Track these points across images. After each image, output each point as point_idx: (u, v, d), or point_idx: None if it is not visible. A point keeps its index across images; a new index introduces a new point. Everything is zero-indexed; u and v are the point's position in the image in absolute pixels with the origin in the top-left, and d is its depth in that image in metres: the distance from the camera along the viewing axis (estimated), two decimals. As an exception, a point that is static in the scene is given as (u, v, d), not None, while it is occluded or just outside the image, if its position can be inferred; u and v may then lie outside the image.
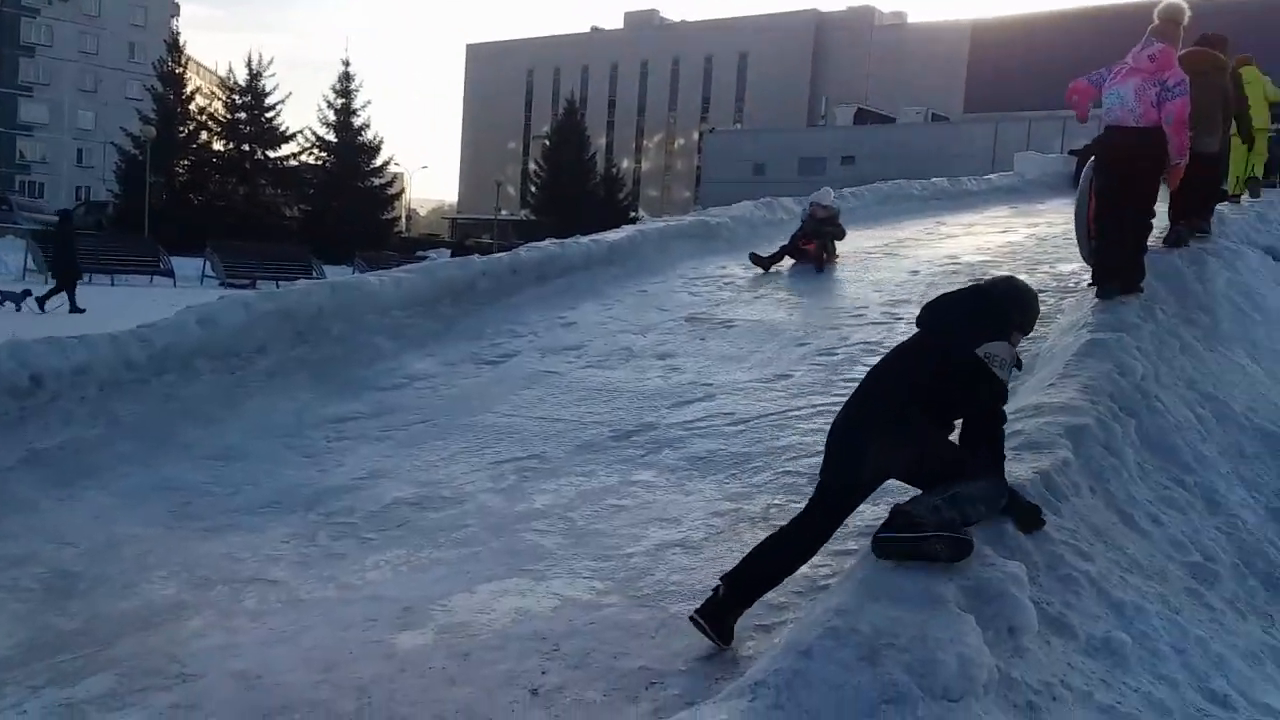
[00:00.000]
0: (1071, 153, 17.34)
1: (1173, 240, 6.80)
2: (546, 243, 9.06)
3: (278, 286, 22.91)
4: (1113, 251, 5.93)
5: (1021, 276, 8.15)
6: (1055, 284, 7.91)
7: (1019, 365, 3.23)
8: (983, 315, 3.16)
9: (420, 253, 28.85)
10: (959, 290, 3.53)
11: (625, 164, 67.42)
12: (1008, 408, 3.23)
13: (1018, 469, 3.45)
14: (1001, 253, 9.67)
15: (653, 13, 76.64)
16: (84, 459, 5.19)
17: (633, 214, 51.57)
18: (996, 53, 54.86)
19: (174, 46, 43.52)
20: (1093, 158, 6.29)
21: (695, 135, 68.68)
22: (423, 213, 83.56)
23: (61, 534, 4.36)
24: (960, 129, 50.70)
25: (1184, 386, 4.94)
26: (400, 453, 5.37)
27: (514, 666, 3.19)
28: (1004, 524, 2.96)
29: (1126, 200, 5.85)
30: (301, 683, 3.10)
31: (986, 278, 4.07)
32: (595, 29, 77.45)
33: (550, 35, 78.53)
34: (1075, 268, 8.42)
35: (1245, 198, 9.56)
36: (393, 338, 7.12)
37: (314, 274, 21.91)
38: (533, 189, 52.89)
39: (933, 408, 3.08)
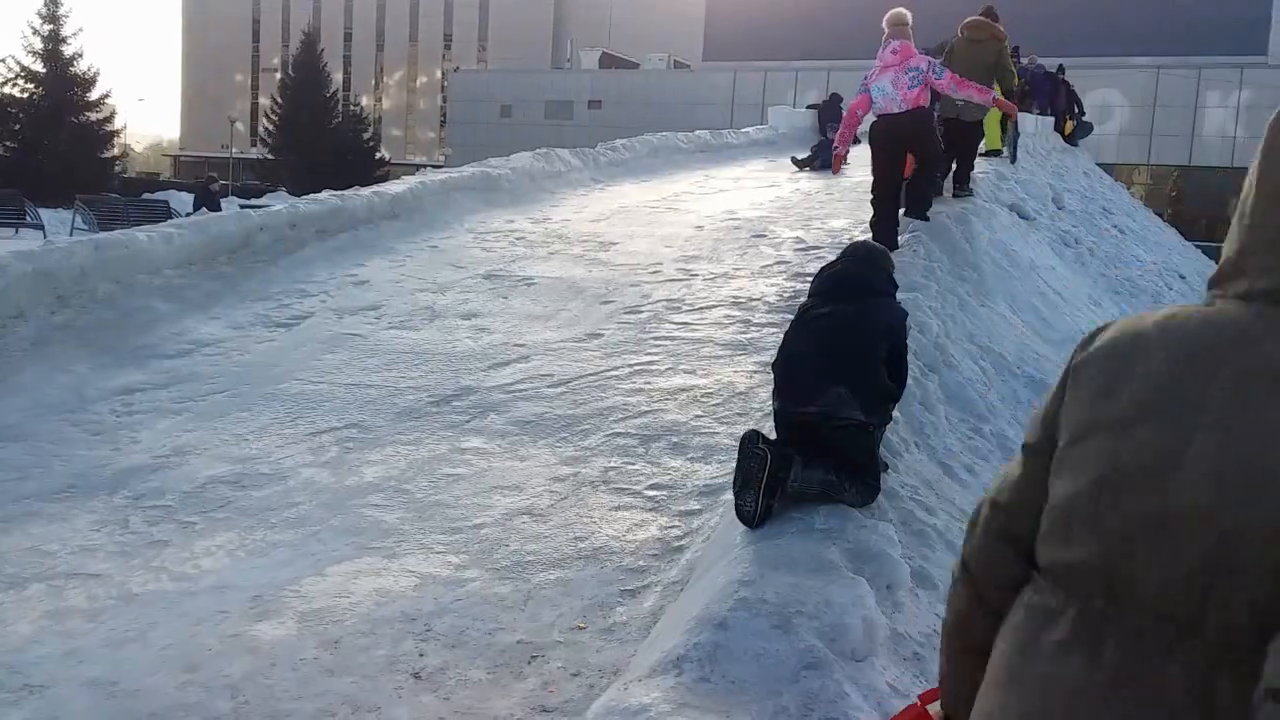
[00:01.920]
0: (809, 107, 18.27)
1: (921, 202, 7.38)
2: (325, 194, 8.66)
3: (-13, 234, 20.52)
4: (885, 226, 6.68)
5: (797, 233, 8.68)
6: (830, 240, 8.38)
7: None
8: (885, 283, 3.66)
9: (148, 196, 26.61)
10: (851, 263, 3.81)
11: (365, 102, 64.73)
12: None
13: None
14: (774, 208, 10.12)
15: (389, -57, 73.51)
16: None
17: (379, 154, 49.77)
18: (733, 2, 56.49)
19: None
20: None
21: (438, 74, 66.90)
22: (139, 149, 77.01)
23: None
24: (701, 77, 52.04)
25: (966, 340, 5.43)
26: (203, 426, 5.05)
27: (390, 651, 3.13)
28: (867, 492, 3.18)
29: (900, 167, 6.80)
30: (165, 686, 2.92)
31: (844, 245, 4.34)
32: (327, -43, 73.39)
33: (279, -40, 73.80)
34: (846, 223, 8.97)
35: (1005, 153, 10.48)
36: (169, 299, 6.64)
37: (28, 219, 19.79)
38: (267, 126, 49.83)
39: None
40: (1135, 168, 37.71)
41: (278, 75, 57.91)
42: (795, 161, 13.40)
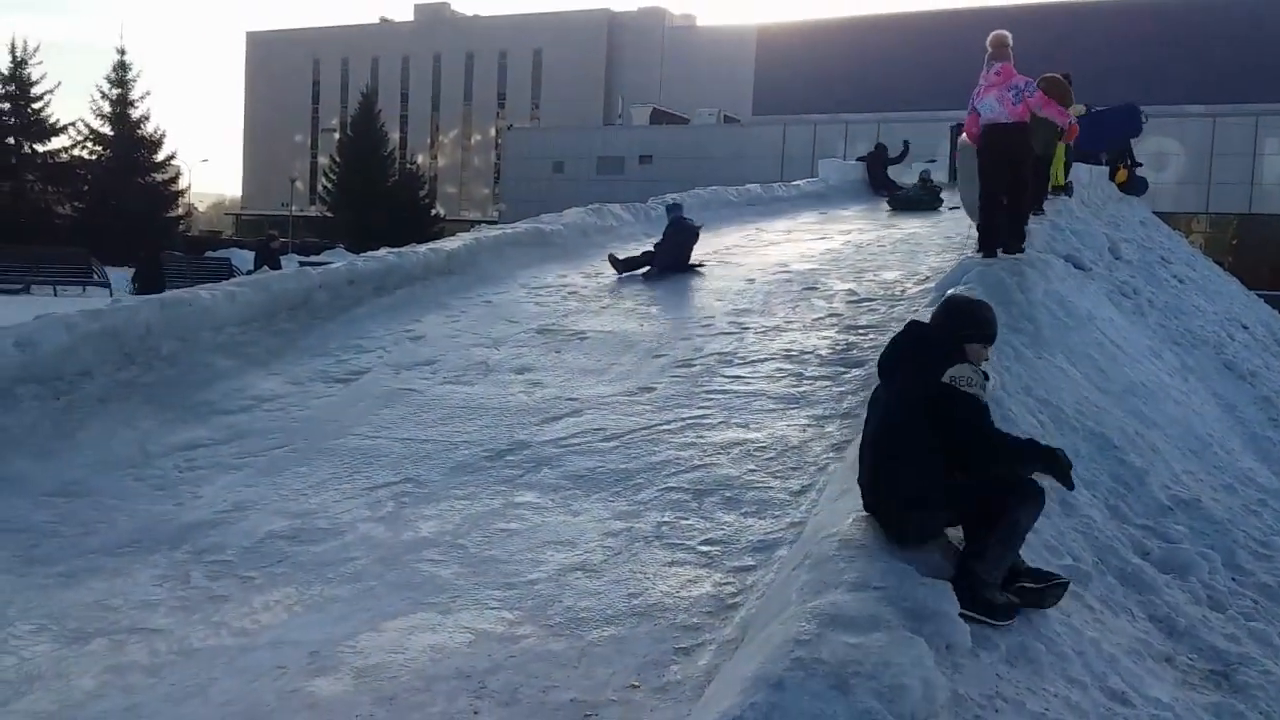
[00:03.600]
0: (859, 159, 18.30)
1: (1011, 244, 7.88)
2: (383, 252, 8.84)
3: (55, 292, 21.24)
4: (993, 221, 7.76)
5: (849, 285, 8.67)
6: (883, 292, 8.36)
7: (986, 377, 3.38)
8: (928, 347, 3.35)
9: (211, 254, 27.31)
10: (898, 334, 3.65)
11: (421, 160, 66.07)
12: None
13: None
14: (825, 260, 10.13)
15: (443, 5, 75.35)
16: (-100, 503, 4.71)
17: (434, 211, 50.65)
18: (782, 56, 56.94)
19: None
20: (975, 148, 8.04)
21: (492, 131, 68.08)
22: (202, 208, 79.16)
23: (-105, 591, 3.95)
24: (751, 130, 52.43)
25: (1023, 393, 5.35)
26: (262, 481, 5.13)
27: (445, 708, 3.14)
28: (927, 548, 3.15)
29: (1007, 174, 7.72)
30: (225, 743, 2.95)
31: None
32: (385, 20, 75.41)
33: (337, 25, 75.94)
34: (898, 275, 8.95)
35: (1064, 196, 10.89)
36: (231, 356, 6.78)
37: (95, 277, 20.40)
38: (325, 184, 51.01)
39: (938, 452, 3.21)
40: (1194, 216, 37.14)
41: (336, 135, 59.33)
42: (614, 262, 9.73)
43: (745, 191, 14.79)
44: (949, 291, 4.80)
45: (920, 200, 15.39)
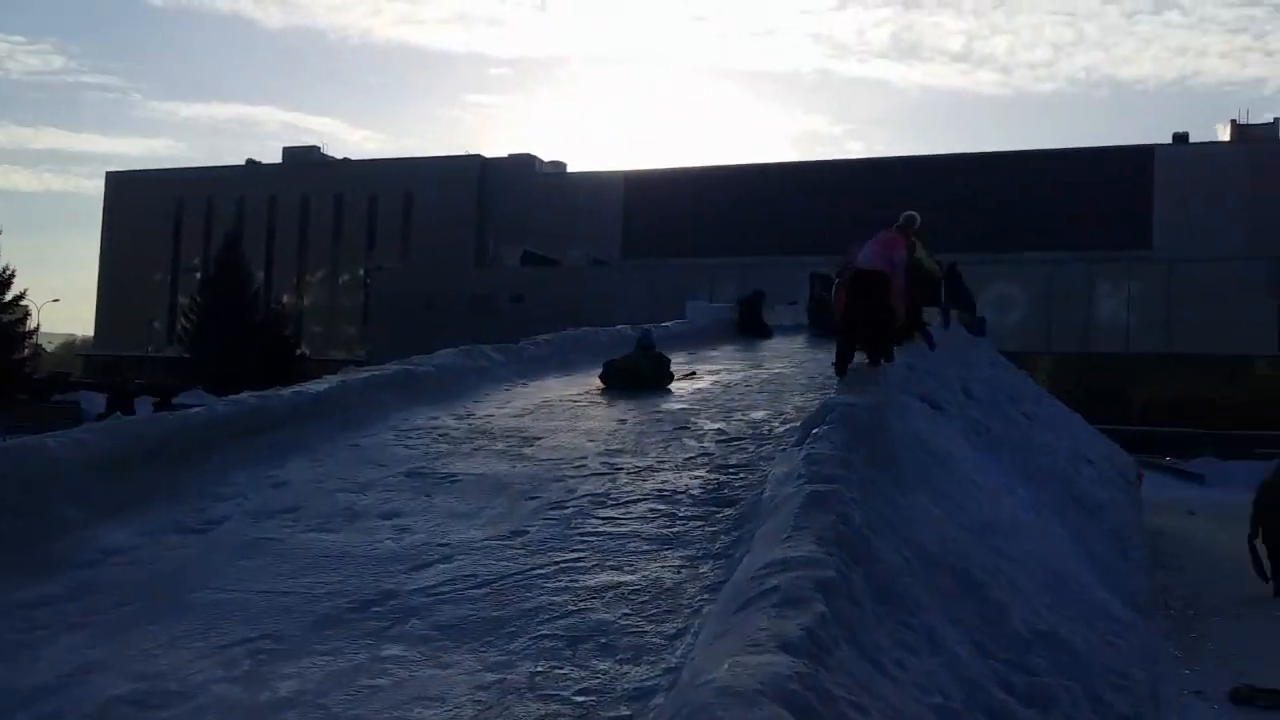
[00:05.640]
0: (739, 302, 19.05)
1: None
2: (245, 395, 8.60)
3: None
4: (847, 347, 9.62)
5: (718, 425, 8.82)
6: (751, 431, 8.54)
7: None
8: None
9: (59, 397, 26.06)
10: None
11: (286, 299, 65.07)
12: None
13: (784, 625, 3.69)
14: (695, 400, 10.32)
15: (313, 148, 75.69)
16: None
17: (300, 350, 49.68)
18: (648, 202, 59.05)
19: None
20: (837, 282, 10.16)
21: (361, 272, 67.77)
22: (50, 348, 75.74)
23: None
24: (619, 273, 53.72)
25: (889, 531, 5.49)
26: (109, 641, 4.80)
27: None
28: (798, 688, 3.15)
29: (863, 307, 9.45)
30: None
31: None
32: (252, 162, 75.18)
33: (202, 166, 75.37)
34: (765, 414, 9.16)
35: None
36: (81, 506, 6.41)
37: (-70, 422, 19.19)
38: (185, 324, 49.63)
39: None
40: (1038, 356, 39.36)
41: (198, 274, 58.11)
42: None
43: (616, 332, 15.03)
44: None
45: (637, 370, 11.42)
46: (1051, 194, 49.80)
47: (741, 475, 7.15)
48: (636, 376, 11.29)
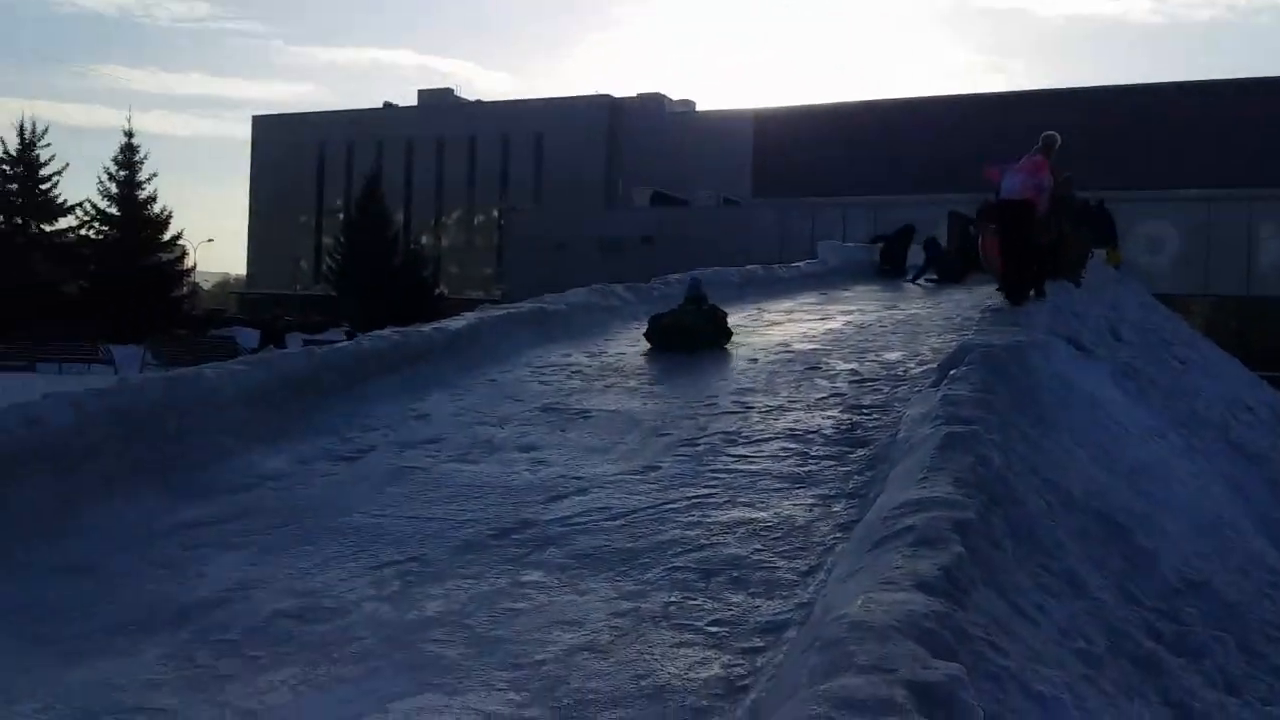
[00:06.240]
0: (874, 240, 18.56)
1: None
2: (388, 331, 8.90)
3: (60, 370, 21.29)
4: (1015, 274, 9.95)
5: (851, 365, 8.70)
6: (885, 373, 8.41)
7: None
8: None
9: (216, 332, 27.47)
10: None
11: (425, 240, 66.80)
12: None
13: (920, 565, 3.65)
14: (826, 340, 10.19)
15: (447, 91, 76.92)
16: (-97, 580, 4.68)
17: (438, 290, 51.02)
18: (779, 140, 57.96)
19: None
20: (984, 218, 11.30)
21: (495, 213, 68.97)
22: (207, 287, 79.75)
23: (-104, 670, 3.91)
24: (750, 212, 53.16)
25: (1029, 474, 5.35)
26: (267, 559, 5.10)
27: (453, 792, 3.09)
28: (934, 626, 3.13)
29: (1018, 240, 9.80)
30: (229, 828, 2.90)
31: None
32: (389, 105, 76.87)
33: (342, 110, 77.40)
34: (900, 356, 9.00)
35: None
36: (237, 435, 6.79)
37: (100, 356, 20.48)
38: (330, 264, 51.50)
39: None
40: (1192, 299, 37.41)
41: (341, 216, 60.02)
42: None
43: (746, 272, 14.94)
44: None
45: (685, 328, 9.75)
46: (1208, 128, 46.82)
47: (875, 416, 7.06)
48: (686, 335, 9.53)
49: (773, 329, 11.13)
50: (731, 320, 11.34)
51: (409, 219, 68.89)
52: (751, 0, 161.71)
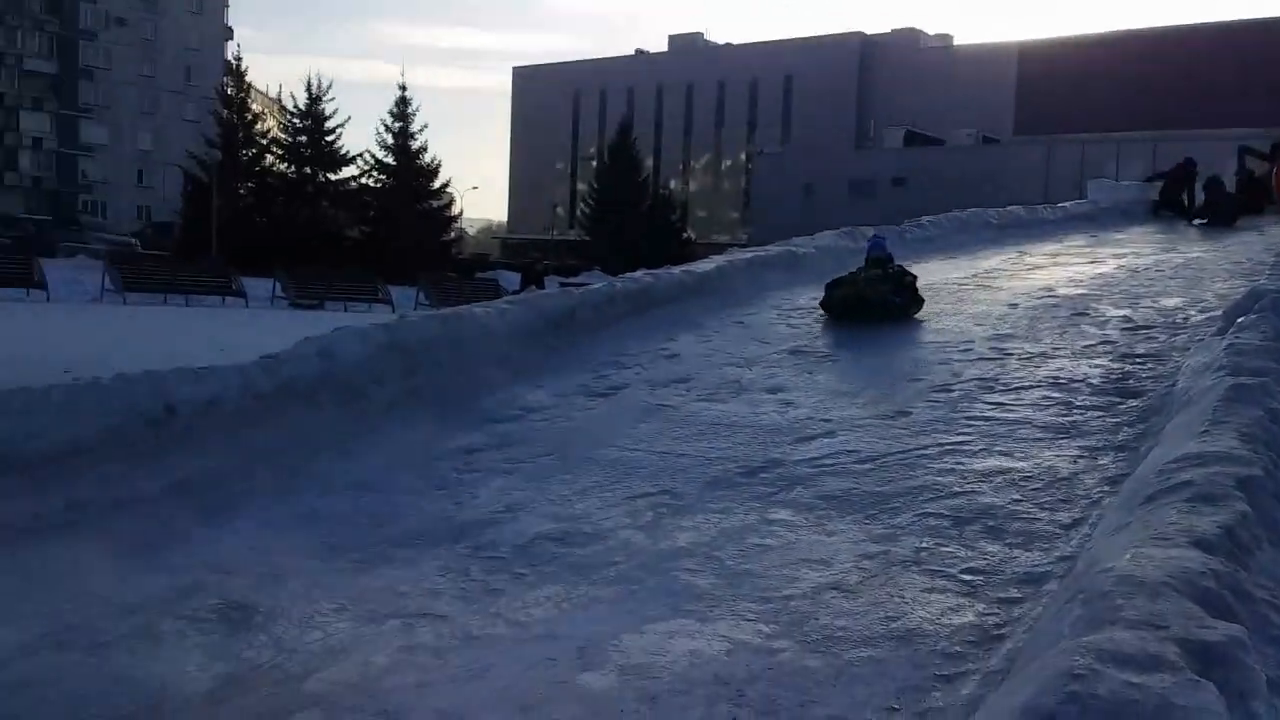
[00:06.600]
0: (1150, 179, 17.19)
1: None
2: (639, 273, 9.15)
3: (345, 308, 23.21)
4: None
5: (1123, 312, 8.18)
6: (1162, 320, 7.85)
7: None
8: None
9: (481, 275, 29.09)
10: None
11: (673, 185, 67.64)
12: None
13: (1198, 522, 3.44)
14: (1095, 285, 9.60)
15: (697, 35, 77.00)
16: (225, 488, 5.32)
17: (686, 234, 51.69)
18: (1045, 74, 54.37)
19: (235, 71, 44.35)
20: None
21: (742, 157, 68.84)
22: (472, 232, 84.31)
23: (223, 564, 4.46)
24: (1011, 151, 50.43)
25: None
26: (530, 486, 5.44)
27: (705, 712, 3.22)
28: (1212, 585, 2.95)
29: None
30: (503, 724, 3.16)
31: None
32: (640, 52, 77.89)
33: (595, 58, 79.11)
34: (1180, 302, 8.37)
35: None
36: (503, 368, 7.22)
37: (380, 296, 22.16)
38: (583, 209, 53.17)
39: None
40: None
41: (594, 163, 61.71)
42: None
43: (1007, 213, 14.23)
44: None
45: (862, 297, 8.43)
46: None
47: (1149, 365, 6.63)
48: (866, 307, 8.25)
49: (1035, 273, 10.59)
50: (989, 264, 10.89)
51: (658, 164, 69.88)
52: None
